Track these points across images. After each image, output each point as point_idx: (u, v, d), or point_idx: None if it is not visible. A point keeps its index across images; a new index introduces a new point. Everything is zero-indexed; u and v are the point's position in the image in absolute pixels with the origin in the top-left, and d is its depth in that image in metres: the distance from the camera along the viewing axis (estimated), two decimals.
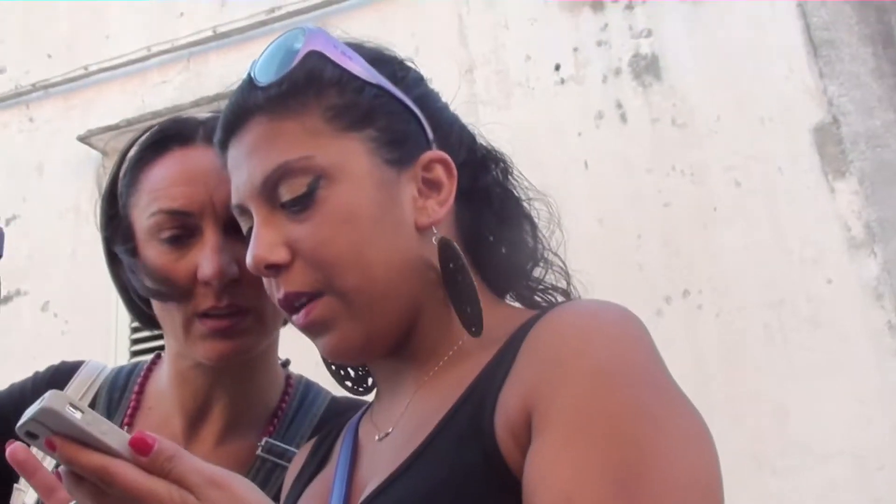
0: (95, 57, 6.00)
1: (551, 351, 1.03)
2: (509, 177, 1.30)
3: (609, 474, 0.92)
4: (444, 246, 1.16)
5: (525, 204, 1.30)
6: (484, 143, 1.31)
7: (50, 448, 0.89)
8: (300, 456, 1.37)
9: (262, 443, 1.48)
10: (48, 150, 6.00)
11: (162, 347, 1.57)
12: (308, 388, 1.59)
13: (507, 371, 1.06)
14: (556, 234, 1.31)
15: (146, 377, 1.60)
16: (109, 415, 1.52)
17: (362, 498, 1.10)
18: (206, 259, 1.35)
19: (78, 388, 1.58)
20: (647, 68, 4.70)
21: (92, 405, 1.54)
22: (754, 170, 4.37)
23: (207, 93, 5.30)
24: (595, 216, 4.50)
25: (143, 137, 1.48)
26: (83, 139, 5.63)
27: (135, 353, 4.99)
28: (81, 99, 6.03)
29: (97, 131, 5.62)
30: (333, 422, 1.43)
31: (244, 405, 1.52)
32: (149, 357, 1.63)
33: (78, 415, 0.87)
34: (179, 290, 1.39)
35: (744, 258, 4.25)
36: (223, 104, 1.24)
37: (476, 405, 1.06)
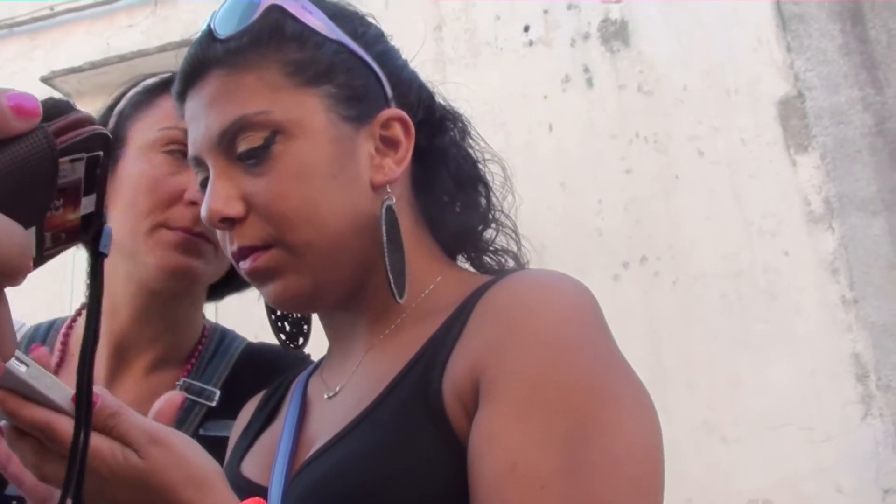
0: None
1: (502, 319, 1.04)
2: (467, 138, 1.30)
3: (554, 444, 0.94)
4: (388, 215, 1.16)
5: (480, 166, 1.31)
6: (443, 103, 1.30)
7: None
8: (247, 410, 1.38)
9: (181, 382, 1.51)
10: None
11: None
12: (224, 334, 1.63)
13: (457, 337, 1.07)
14: (510, 197, 1.32)
15: (70, 327, 1.63)
16: None
17: (307, 456, 1.10)
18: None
19: None
20: (615, 34, 4.70)
21: None
22: (718, 140, 4.39)
23: (174, 38, 5.26)
24: (557, 180, 4.50)
25: (167, 75, 1.51)
26: (46, 80, 5.56)
27: None
28: (46, 39, 5.96)
29: (61, 73, 5.55)
30: (264, 371, 1.47)
31: (166, 344, 1.55)
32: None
33: (23, 368, 0.86)
34: (162, 201, 1.43)
35: (703, 228, 4.28)
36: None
37: (425, 370, 1.06)
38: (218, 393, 1.51)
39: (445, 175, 1.26)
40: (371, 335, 1.21)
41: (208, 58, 1.18)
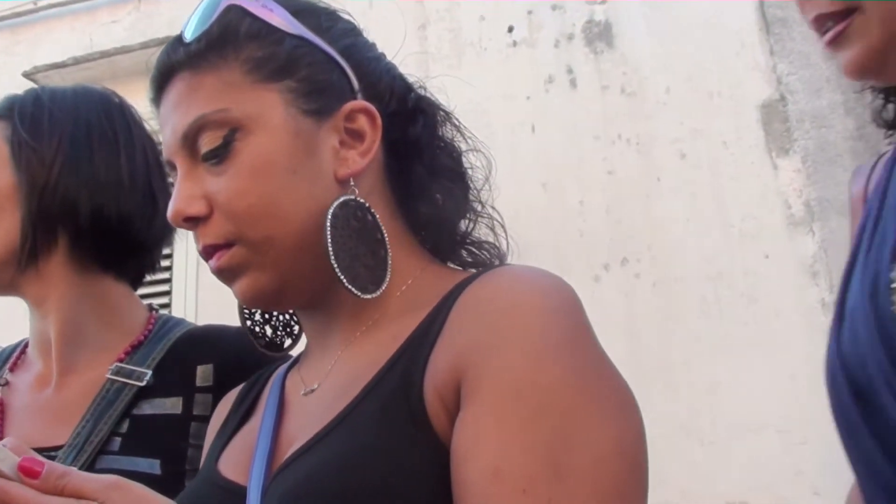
0: None
1: (484, 317, 1.03)
2: (442, 128, 1.30)
3: (537, 448, 0.94)
4: (352, 207, 1.16)
5: (456, 157, 1.30)
6: (421, 94, 1.30)
7: None
8: (223, 406, 1.38)
9: (112, 367, 1.54)
10: None
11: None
12: (168, 321, 1.67)
13: (438, 335, 1.06)
14: (492, 188, 1.31)
15: (27, 344, 1.70)
16: None
17: (286, 456, 1.09)
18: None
19: None
20: (599, 35, 4.70)
21: None
22: (699, 143, 4.40)
23: (157, 34, 5.23)
24: (539, 180, 4.50)
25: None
26: (28, 76, 5.52)
27: None
28: (29, 34, 5.93)
29: (43, 68, 5.52)
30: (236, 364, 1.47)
31: (74, 336, 1.59)
32: None
33: None
34: None
35: (684, 230, 4.28)
36: None
37: (405, 369, 1.06)
38: (149, 373, 1.52)
39: (419, 166, 1.25)
40: (347, 331, 1.20)
41: (173, 62, 1.20)
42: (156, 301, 2.13)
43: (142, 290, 1.73)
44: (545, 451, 0.94)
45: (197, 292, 4.82)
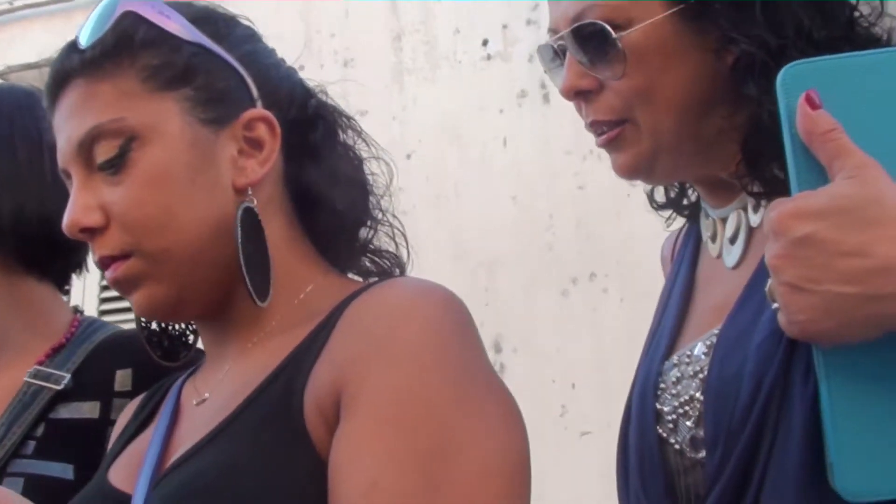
0: None
1: (366, 330, 1.03)
2: (344, 135, 1.29)
3: (416, 460, 0.94)
4: (245, 216, 1.15)
5: (357, 164, 1.29)
6: (322, 100, 1.29)
7: None
8: (125, 414, 1.37)
9: (31, 370, 1.53)
10: None
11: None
12: (92, 324, 1.65)
13: (322, 347, 1.06)
14: (394, 197, 1.30)
15: None
16: None
17: (167, 465, 1.09)
18: None
19: None
20: None
21: None
22: None
23: None
24: (509, 193, 4.49)
25: None
26: (2, 75, 5.49)
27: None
28: (3, 35, 5.88)
29: (17, 68, 5.48)
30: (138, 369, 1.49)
31: (12, 340, 1.59)
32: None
33: None
34: None
35: (653, 246, 4.26)
36: None
37: (287, 381, 1.06)
38: (67, 377, 1.51)
39: (317, 173, 1.24)
40: (240, 342, 1.19)
41: (66, 69, 1.18)
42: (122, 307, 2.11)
43: (112, 297, 1.72)
44: (424, 464, 0.94)
45: None
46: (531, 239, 4.41)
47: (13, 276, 1.61)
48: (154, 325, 1.34)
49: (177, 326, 1.35)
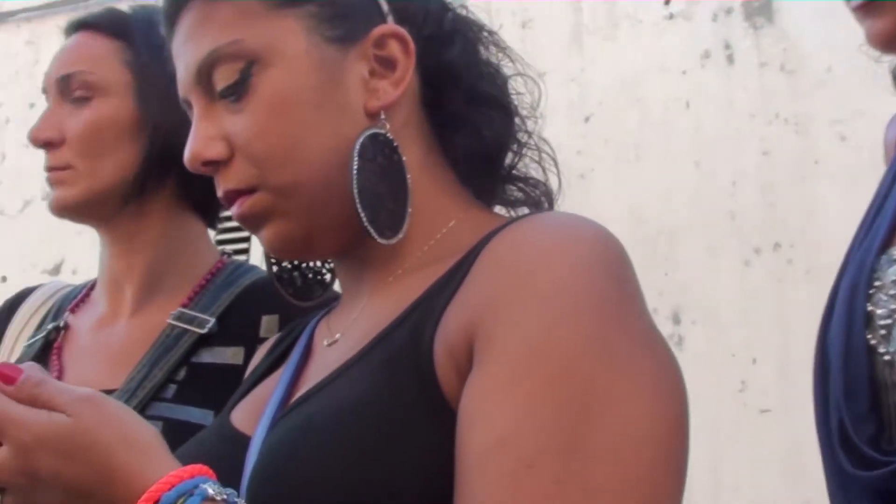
0: None
1: (505, 270, 0.94)
2: (486, 51, 1.19)
3: (553, 421, 0.85)
4: (379, 143, 1.07)
5: (500, 83, 1.19)
6: (460, 14, 1.19)
7: None
8: (258, 355, 1.32)
9: (175, 311, 1.52)
10: None
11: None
12: (239, 267, 1.62)
13: (457, 288, 0.98)
14: (540, 119, 1.21)
15: (93, 285, 1.70)
16: (57, 317, 1.65)
17: (291, 401, 1.05)
18: None
19: (30, 307, 1.70)
20: (759, 9, 4.56)
21: (43, 318, 1.66)
22: (861, 125, 4.24)
23: None
24: (692, 158, 4.40)
25: None
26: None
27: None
28: None
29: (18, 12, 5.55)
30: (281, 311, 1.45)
31: (154, 277, 1.58)
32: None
33: None
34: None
35: (841, 216, 4.14)
36: None
37: (417, 322, 0.98)
38: (212, 321, 1.49)
39: (456, 94, 1.14)
40: (376, 281, 1.12)
41: None
42: (235, 247, 2.11)
43: (221, 237, 1.71)
44: (561, 426, 0.84)
45: None
46: (713, 206, 4.31)
47: (188, 216, 1.61)
48: (286, 263, 1.27)
49: (311, 264, 1.28)
